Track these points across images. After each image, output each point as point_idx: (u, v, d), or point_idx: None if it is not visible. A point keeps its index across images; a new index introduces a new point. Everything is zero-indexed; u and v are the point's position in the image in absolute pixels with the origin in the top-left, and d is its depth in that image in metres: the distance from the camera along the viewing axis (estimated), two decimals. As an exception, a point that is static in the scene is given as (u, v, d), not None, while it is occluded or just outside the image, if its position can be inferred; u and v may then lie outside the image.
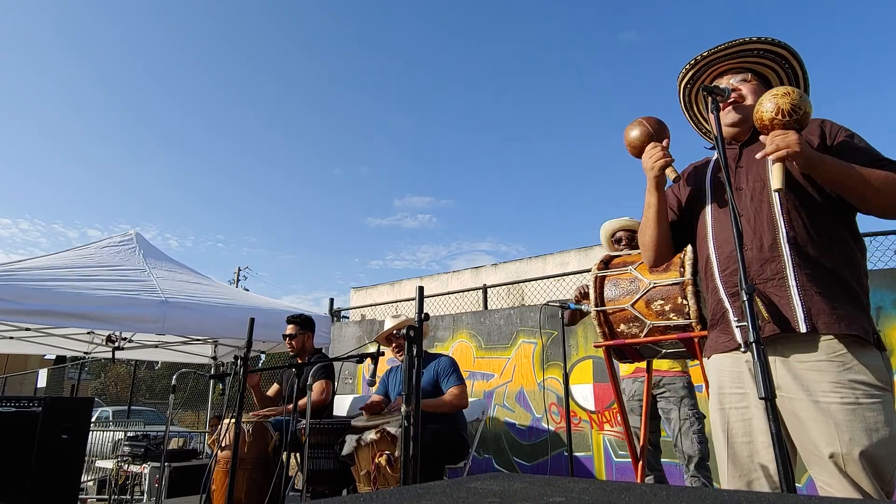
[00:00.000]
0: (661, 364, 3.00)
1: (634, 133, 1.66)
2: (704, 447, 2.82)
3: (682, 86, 1.77)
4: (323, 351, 4.38)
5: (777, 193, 1.46)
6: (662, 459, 3.19)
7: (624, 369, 3.19)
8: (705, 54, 1.67)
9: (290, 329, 4.10)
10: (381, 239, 77.32)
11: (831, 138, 1.50)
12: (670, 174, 1.57)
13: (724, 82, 1.66)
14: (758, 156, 1.43)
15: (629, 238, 3.04)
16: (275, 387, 4.28)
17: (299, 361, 4.08)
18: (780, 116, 1.37)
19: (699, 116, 1.85)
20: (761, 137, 1.44)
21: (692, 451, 2.81)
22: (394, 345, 3.63)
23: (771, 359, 1.42)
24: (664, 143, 1.62)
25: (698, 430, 2.83)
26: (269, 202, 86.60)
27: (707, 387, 1.70)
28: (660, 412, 3.02)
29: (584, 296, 2.90)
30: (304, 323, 4.14)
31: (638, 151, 1.67)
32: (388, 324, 3.70)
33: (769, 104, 1.40)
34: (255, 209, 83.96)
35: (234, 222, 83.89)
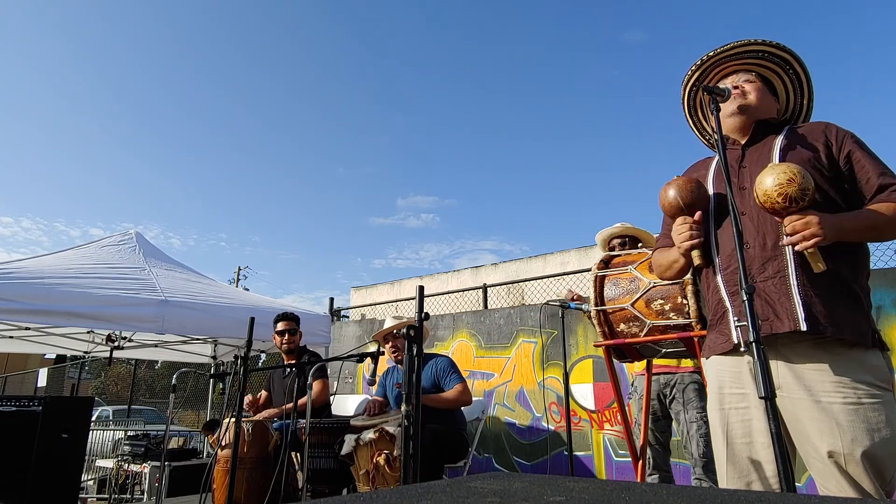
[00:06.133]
0: (673, 362, 2.96)
1: (668, 197, 1.63)
2: (711, 450, 2.79)
3: (688, 89, 1.77)
4: (309, 347, 4.36)
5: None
6: (672, 460, 3.15)
7: (637, 366, 3.15)
8: (711, 54, 1.67)
9: (286, 325, 4.03)
10: (383, 238, 77.53)
11: (837, 147, 1.50)
12: (695, 259, 1.56)
13: (729, 82, 1.66)
14: (782, 243, 1.41)
15: (621, 244, 3.03)
16: (263, 394, 4.23)
17: (287, 360, 4.06)
18: (792, 205, 1.36)
19: (703, 121, 1.85)
20: (785, 225, 1.40)
21: (699, 454, 2.79)
22: (390, 344, 3.59)
23: (772, 359, 1.42)
24: (696, 216, 1.58)
25: (705, 433, 2.81)
26: (273, 202, 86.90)
27: (707, 386, 1.70)
28: (671, 413, 2.99)
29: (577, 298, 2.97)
30: (297, 319, 4.11)
31: (670, 214, 1.66)
32: (389, 323, 3.69)
33: (774, 189, 1.37)
34: (259, 209, 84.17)
35: (237, 221, 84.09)
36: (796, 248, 1.36)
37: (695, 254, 1.56)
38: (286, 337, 4.01)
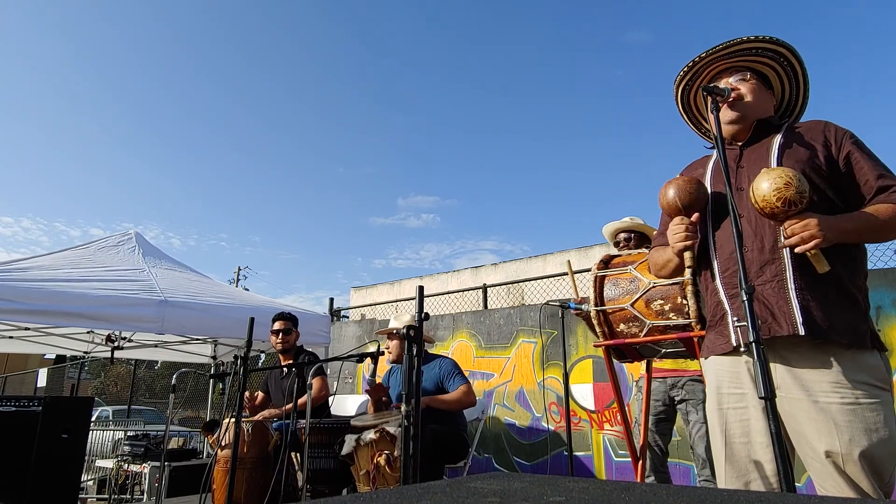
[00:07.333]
0: (683, 365, 2.90)
1: (668, 196, 1.62)
2: None
3: (680, 88, 1.77)
4: (309, 348, 4.35)
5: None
6: (671, 460, 3.12)
7: (643, 368, 3.12)
8: (703, 55, 1.66)
9: (282, 325, 4.02)
10: (384, 238, 77.55)
11: (836, 147, 1.50)
12: (687, 261, 1.54)
13: (723, 82, 1.65)
14: (781, 245, 1.42)
15: (626, 240, 3.02)
16: (260, 395, 4.22)
17: (283, 360, 4.05)
18: (791, 208, 1.36)
19: (698, 116, 1.84)
20: (783, 230, 1.40)
21: (707, 456, 2.77)
22: (392, 343, 3.61)
23: (771, 361, 1.42)
24: (693, 217, 1.57)
25: None
26: (273, 202, 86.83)
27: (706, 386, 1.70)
28: (680, 414, 2.96)
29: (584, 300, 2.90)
30: (294, 319, 4.11)
31: (668, 214, 1.64)
32: (393, 323, 3.70)
33: (772, 194, 1.36)
34: (259, 209, 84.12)
35: (238, 221, 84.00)
36: (797, 250, 1.36)
37: (687, 255, 1.54)
38: (281, 336, 4.00)
